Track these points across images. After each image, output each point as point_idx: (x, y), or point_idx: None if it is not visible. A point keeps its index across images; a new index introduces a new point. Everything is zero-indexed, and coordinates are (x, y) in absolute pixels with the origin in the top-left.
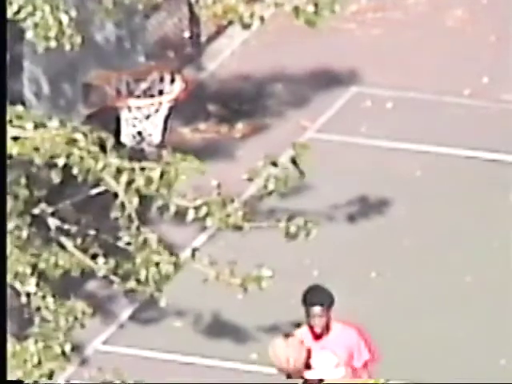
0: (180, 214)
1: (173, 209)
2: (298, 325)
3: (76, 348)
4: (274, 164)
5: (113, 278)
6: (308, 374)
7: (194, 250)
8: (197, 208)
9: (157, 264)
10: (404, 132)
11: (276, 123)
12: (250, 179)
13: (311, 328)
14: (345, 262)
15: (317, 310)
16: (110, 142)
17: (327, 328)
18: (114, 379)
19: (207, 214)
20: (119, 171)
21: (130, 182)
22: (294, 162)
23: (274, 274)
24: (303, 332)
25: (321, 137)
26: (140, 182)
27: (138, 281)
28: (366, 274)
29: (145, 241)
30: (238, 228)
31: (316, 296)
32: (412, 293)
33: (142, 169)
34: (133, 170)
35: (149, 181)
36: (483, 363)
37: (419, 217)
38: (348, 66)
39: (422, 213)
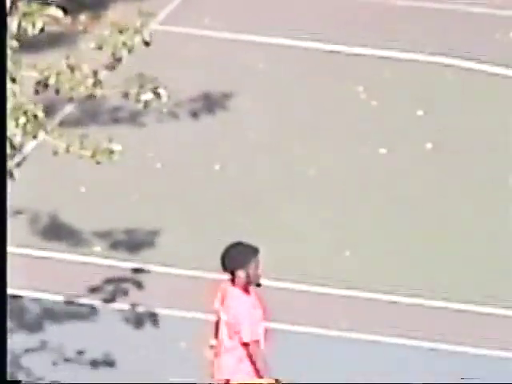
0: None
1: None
2: None
3: None
4: (121, 32)
5: None
6: None
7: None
8: (46, 79)
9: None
10: (247, 24)
11: (119, 15)
12: (99, 48)
13: (247, 285)
14: (188, 155)
15: (258, 258)
16: None
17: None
18: None
19: (57, 83)
20: None
21: None
22: (138, 31)
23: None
24: (237, 293)
25: (164, 29)
26: None
27: None
28: (209, 167)
29: None
30: (90, 97)
31: (250, 247)
32: (256, 185)
33: None
34: None
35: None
36: (329, 255)
37: (263, 109)
38: None
39: (266, 105)
